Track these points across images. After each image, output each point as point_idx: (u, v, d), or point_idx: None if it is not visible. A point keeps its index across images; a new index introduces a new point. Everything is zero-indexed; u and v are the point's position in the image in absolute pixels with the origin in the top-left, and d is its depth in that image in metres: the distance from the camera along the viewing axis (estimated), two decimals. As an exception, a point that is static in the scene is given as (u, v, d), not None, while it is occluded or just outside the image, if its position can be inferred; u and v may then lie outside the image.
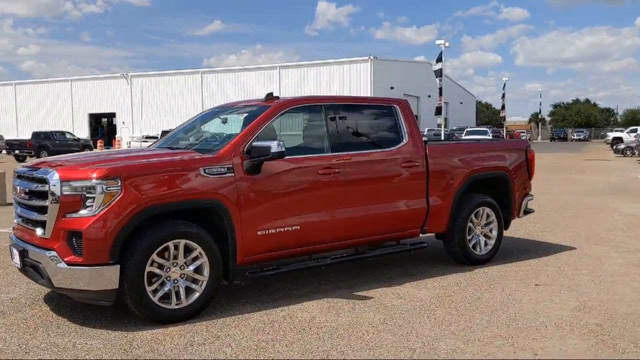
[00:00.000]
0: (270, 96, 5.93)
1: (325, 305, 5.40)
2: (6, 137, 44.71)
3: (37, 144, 34.59)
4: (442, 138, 39.66)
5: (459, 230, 6.80)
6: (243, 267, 5.52)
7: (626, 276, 6.46)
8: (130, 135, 47.21)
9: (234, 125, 6.15)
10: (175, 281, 4.93)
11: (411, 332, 4.70)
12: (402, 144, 6.40)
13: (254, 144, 5.27)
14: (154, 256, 4.77)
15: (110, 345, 4.41)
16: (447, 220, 6.70)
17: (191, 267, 4.99)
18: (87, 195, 4.60)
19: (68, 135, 37.92)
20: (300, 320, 4.99)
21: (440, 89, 41.89)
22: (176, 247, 4.89)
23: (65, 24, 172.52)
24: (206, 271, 5.04)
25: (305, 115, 6.19)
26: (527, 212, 7.70)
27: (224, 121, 6.34)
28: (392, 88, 50.82)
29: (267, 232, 5.36)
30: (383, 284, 6.14)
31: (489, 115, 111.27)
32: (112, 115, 56.64)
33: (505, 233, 8.79)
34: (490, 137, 34.83)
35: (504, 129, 69.54)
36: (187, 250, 4.96)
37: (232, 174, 5.17)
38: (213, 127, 6.50)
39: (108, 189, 4.60)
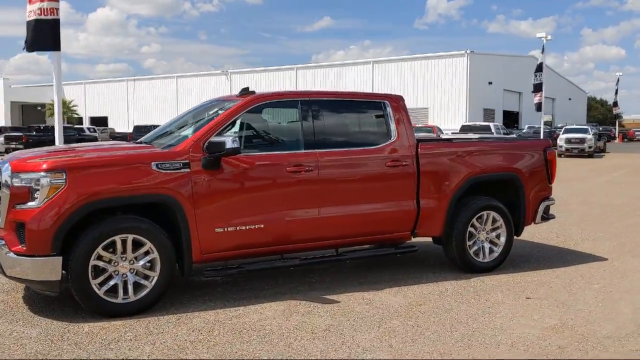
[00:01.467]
0: (245, 91, 5.82)
1: (283, 308, 5.22)
2: (117, 131, 47.66)
3: (138, 137, 36.44)
4: (541, 137, 37.82)
5: (457, 235, 6.37)
6: (206, 265, 5.46)
7: (640, 294, 5.79)
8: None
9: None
10: (124, 275, 4.94)
11: (346, 342, 4.43)
12: (389, 142, 6.07)
13: (212, 139, 5.18)
14: (100, 250, 4.80)
15: (43, 335, 4.49)
16: (442, 224, 6.29)
17: (141, 262, 4.98)
18: (35, 187, 4.71)
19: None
20: (245, 322, 4.85)
21: (540, 84, 40.08)
22: (124, 241, 4.90)
23: (184, 23, 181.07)
24: (157, 267, 5.02)
25: (279, 111, 6.02)
26: (546, 218, 7.08)
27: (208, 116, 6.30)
28: (490, 83, 49.11)
29: (226, 230, 5.26)
30: (362, 288, 5.87)
31: (603, 113, 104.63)
32: (213, 110, 58.74)
33: (538, 239, 8.28)
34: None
35: (616, 127, 65.15)
36: (137, 245, 4.96)
37: (188, 170, 5.10)
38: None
39: (52, 181, 4.68)
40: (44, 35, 12.41)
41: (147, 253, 5.00)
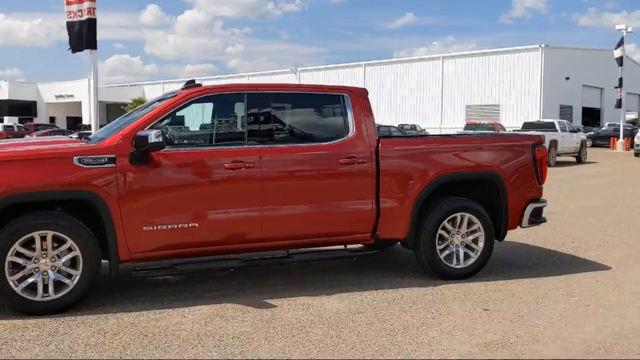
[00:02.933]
0: (189, 84, 5.59)
1: (211, 311, 4.96)
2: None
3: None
4: (621, 135, 35.69)
5: (425, 238, 5.89)
6: (136, 264, 5.29)
7: (621, 309, 5.13)
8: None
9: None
10: (45, 273, 4.83)
11: (245, 352, 4.12)
12: (345, 138, 5.68)
13: (138, 133, 4.98)
14: (17, 246, 4.71)
15: (-51, 332, 4.44)
16: (407, 226, 5.83)
17: (62, 260, 4.85)
18: (-49, 182, 4.67)
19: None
20: (160, 326, 4.63)
21: (620, 79, 37.98)
22: (44, 238, 4.79)
23: (267, 23, 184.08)
24: (80, 265, 4.88)
25: (222, 105, 5.75)
26: (536, 221, 6.44)
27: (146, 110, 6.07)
28: (567, 78, 46.87)
29: (155, 229, 5.06)
30: (310, 292, 5.52)
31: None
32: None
33: (551, 245, 7.66)
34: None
35: None
36: (59, 242, 4.84)
37: (113, 165, 4.93)
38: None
39: None
40: (85, 35, 12.74)
41: (70, 250, 4.86)
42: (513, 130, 26.31)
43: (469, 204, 6.02)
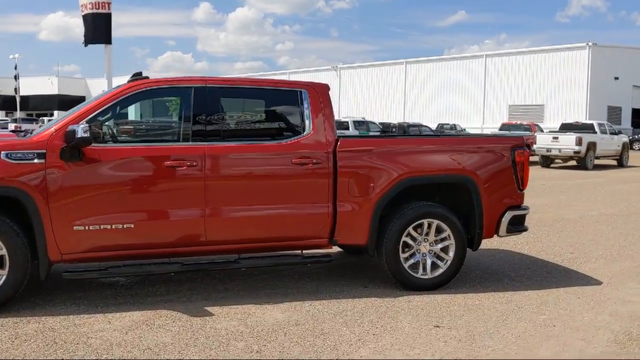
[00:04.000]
0: (135, 76, 5.32)
1: (142, 318, 4.69)
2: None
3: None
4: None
5: (388, 245, 5.48)
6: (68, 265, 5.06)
7: (591, 332, 4.63)
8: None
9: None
10: (-30, 272, 4.65)
11: (147, 365, 3.82)
12: (300, 136, 5.32)
13: (69, 128, 4.73)
14: (-61, 242, 4.54)
15: None
16: (367, 231, 5.43)
17: (-12, 259, 4.66)
18: None
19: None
20: (78, 332, 4.38)
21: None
22: (-33, 236, 4.60)
23: (317, 21, 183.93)
24: (6, 265, 4.68)
25: (167, 99, 5.46)
26: (515, 230, 5.94)
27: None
28: (616, 78, 45.08)
29: (87, 229, 4.81)
30: (258, 300, 5.19)
31: None
32: (322, 105, 58.87)
33: (547, 255, 7.16)
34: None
35: None
36: (-16, 240, 4.64)
37: (43, 161, 4.71)
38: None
39: None
40: (99, 29, 12.69)
41: (-4, 249, 4.66)
42: (549, 132, 25.31)
43: (436, 210, 5.58)
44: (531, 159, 24.59)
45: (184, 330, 4.44)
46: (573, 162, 23.59)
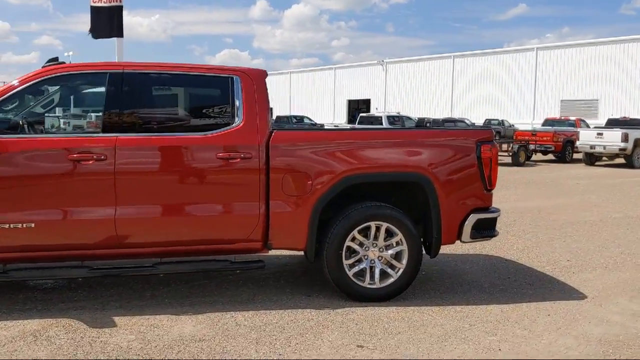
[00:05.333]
0: (51, 61, 4.89)
1: (31, 328, 4.25)
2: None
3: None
4: None
5: (330, 250, 4.90)
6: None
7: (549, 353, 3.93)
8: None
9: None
10: None
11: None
12: (229, 128, 4.78)
13: None
14: None
15: None
16: (305, 234, 4.86)
17: None
18: None
19: (306, 120, 39.86)
20: (-45, 342, 3.98)
21: None
22: None
23: (373, 16, 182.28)
24: None
25: (80, 86, 5.01)
26: (482, 236, 5.24)
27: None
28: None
29: (-17, 228, 4.41)
30: (180, 309, 4.71)
31: None
32: (368, 101, 58.02)
33: (540, 263, 6.42)
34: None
35: None
36: None
37: (-64, 154, 4.34)
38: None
39: None
40: (109, 22, 12.48)
41: None
42: (594, 127, 23.90)
43: (385, 211, 4.94)
44: (575, 156, 23.31)
45: (68, 344, 3.98)
46: (621, 160, 22.15)
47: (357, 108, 56.40)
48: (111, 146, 4.51)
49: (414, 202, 5.19)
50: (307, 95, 62.80)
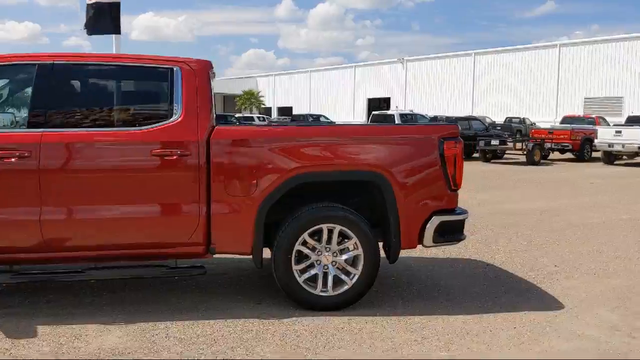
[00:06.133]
0: None
1: (-53, 337, 3.97)
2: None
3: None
4: None
5: (278, 254, 4.53)
6: None
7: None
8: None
9: None
10: None
11: None
12: (166, 123, 4.44)
13: None
14: None
15: None
16: (250, 237, 4.49)
17: None
18: None
19: (322, 119, 39.52)
20: None
21: None
22: None
23: (399, 15, 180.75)
24: None
25: (5, 78, 4.70)
26: (446, 240, 4.82)
27: None
28: None
29: None
30: (110, 318, 4.38)
31: None
32: (388, 99, 57.41)
33: (511, 266, 6.16)
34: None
35: None
36: None
37: None
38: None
39: None
40: (105, 18, 12.26)
41: None
42: (613, 125, 23.11)
43: (338, 213, 4.56)
44: (595, 154, 22.55)
45: (-25, 355, 3.67)
46: (641, 159, 21.40)
47: (378, 106, 55.76)
48: (35, 142, 4.19)
49: (373, 204, 4.79)
50: (327, 94, 62.45)
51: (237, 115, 46.02)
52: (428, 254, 6.41)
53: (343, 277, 4.62)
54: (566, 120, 25.39)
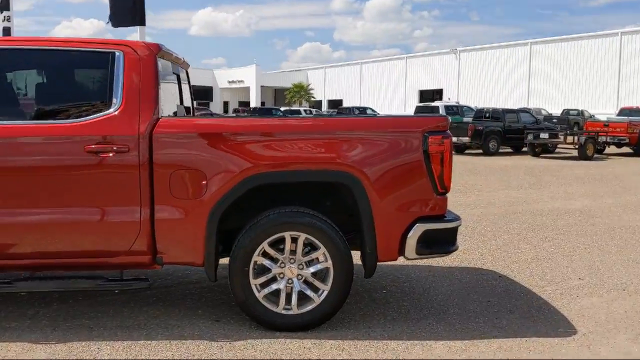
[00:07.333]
0: None
1: None
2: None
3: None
4: None
5: (234, 266, 3.95)
6: None
7: None
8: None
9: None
10: None
11: None
12: (102, 115, 3.89)
13: None
14: None
15: None
16: (202, 247, 3.91)
17: None
18: None
19: (369, 111, 38.72)
20: None
21: None
22: None
23: (457, 6, 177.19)
24: None
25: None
26: (432, 252, 4.11)
27: None
28: None
29: None
30: (43, 335, 3.90)
31: None
32: (440, 91, 55.95)
33: (529, 278, 5.33)
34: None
35: None
36: None
37: None
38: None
39: None
40: (130, 10, 12.00)
41: None
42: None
43: (303, 219, 3.92)
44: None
45: None
46: None
47: (431, 98, 54.38)
48: None
49: (347, 210, 4.14)
50: (378, 86, 61.46)
51: (282, 108, 45.70)
52: (434, 262, 5.70)
53: (309, 293, 3.99)
54: (624, 112, 23.80)
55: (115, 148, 3.80)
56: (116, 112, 3.86)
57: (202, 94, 72.74)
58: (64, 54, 4.03)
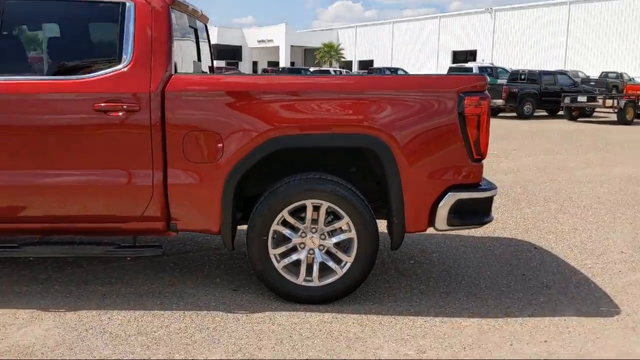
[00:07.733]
0: None
1: None
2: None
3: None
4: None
5: (252, 235, 3.71)
6: None
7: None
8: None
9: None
10: None
11: None
12: (111, 71, 3.63)
13: None
14: None
15: None
16: (218, 214, 3.68)
17: None
18: None
19: (400, 72, 38.00)
20: None
21: None
22: None
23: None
24: None
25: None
26: (463, 222, 3.81)
27: None
28: None
29: None
30: (51, 303, 3.75)
31: None
32: (474, 52, 54.51)
33: (565, 251, 4.94)
34: None
35: None
36: None
37: None
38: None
39: None
40: None
41: None
42: None
43: (326, 186, 3.65)
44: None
45: None
46: None
47: (465, 59, 53.08)
48: None
49: (374, 177, 3.86)
50: (410, 47, 60.21)
51: (312, 69, 45.08)
52: (464, 231, 5.41)
53: (331, 264, 3.74)
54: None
55: (125, 107, 3.55)
56: (126, 69, 3.60)
57: (231, 54, 72.12)
58: (70, 5, 3.76)
